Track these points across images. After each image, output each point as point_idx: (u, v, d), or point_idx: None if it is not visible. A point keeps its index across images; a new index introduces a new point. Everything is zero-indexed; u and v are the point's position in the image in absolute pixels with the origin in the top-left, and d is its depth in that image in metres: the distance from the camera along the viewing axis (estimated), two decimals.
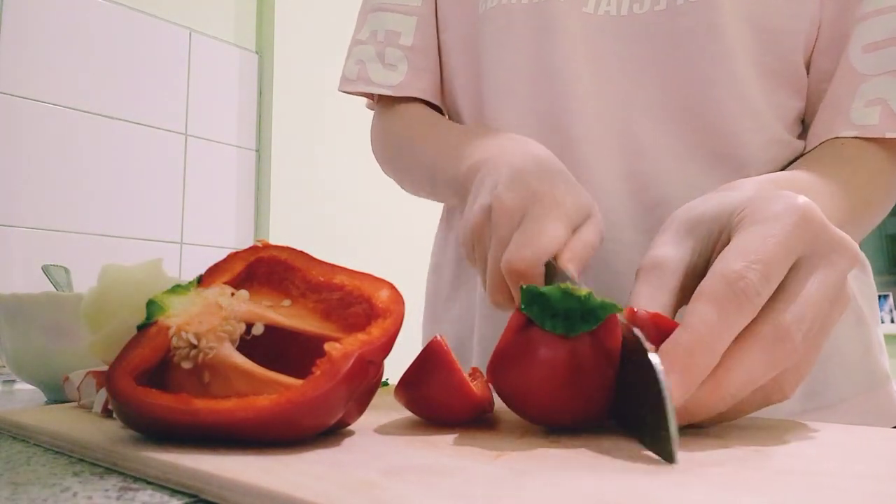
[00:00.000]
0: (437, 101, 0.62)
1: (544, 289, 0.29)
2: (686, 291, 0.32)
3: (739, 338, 0.28)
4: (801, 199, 0.31)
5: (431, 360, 0.33)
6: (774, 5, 0.51)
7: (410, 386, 0.33)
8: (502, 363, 0.30)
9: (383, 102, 0.64)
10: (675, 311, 0.32)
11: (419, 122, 0.59)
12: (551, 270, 0.36)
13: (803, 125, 0.56)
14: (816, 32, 0.52)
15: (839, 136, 0.50)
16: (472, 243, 0.42)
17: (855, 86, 0.50)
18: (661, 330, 0.29)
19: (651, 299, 0.32)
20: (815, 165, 0.48)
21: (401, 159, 0.61)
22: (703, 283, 0.29)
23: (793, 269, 0.30)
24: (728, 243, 0.31)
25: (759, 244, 0.29)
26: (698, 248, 0.34)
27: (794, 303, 0.29)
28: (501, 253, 0.38)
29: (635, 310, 0.29)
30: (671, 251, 0.34)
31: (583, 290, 0.29)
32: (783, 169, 0.53)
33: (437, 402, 0.33)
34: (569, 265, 0.37)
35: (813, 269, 0.30)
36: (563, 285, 0.29)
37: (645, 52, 0.52)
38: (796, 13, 0.51)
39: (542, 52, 0.54)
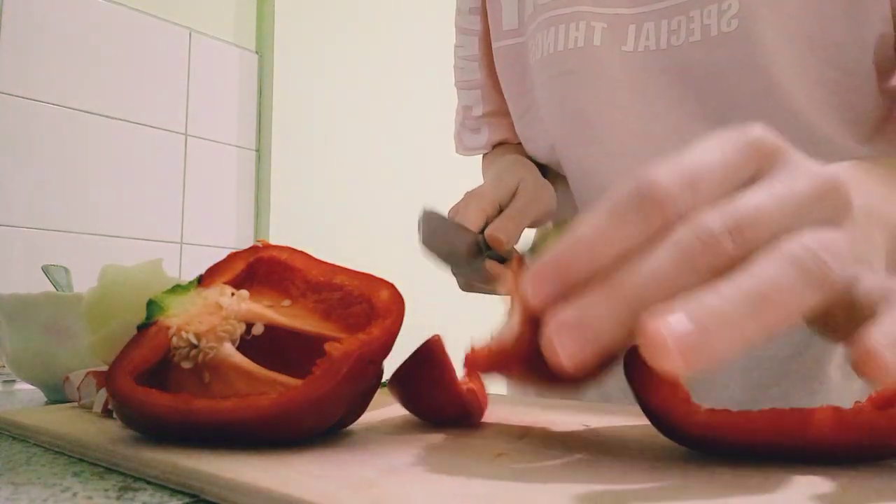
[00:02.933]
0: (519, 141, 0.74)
1: None
2: None
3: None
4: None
5: (427, 357, 0.33)
6: (832, 18, 0.47)
7: (403, 380, 0.34)
8: None
9: None
10: None
11: (492, 160, 0.73)
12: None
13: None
14: (892, 30, 0.47)
15: None
16: None
17: None
18: None
19: None
20: None
21: None
22: None
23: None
24: None
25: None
26: None
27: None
28: None
29: None
30: None
31: None
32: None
33: (426, 399, 0.33)
34: (496, 234, 0.49)
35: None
36: None
37: (685, 86, 0.52)
38: (860, 22, 0.47)
39: (581, 96, 0.56)
